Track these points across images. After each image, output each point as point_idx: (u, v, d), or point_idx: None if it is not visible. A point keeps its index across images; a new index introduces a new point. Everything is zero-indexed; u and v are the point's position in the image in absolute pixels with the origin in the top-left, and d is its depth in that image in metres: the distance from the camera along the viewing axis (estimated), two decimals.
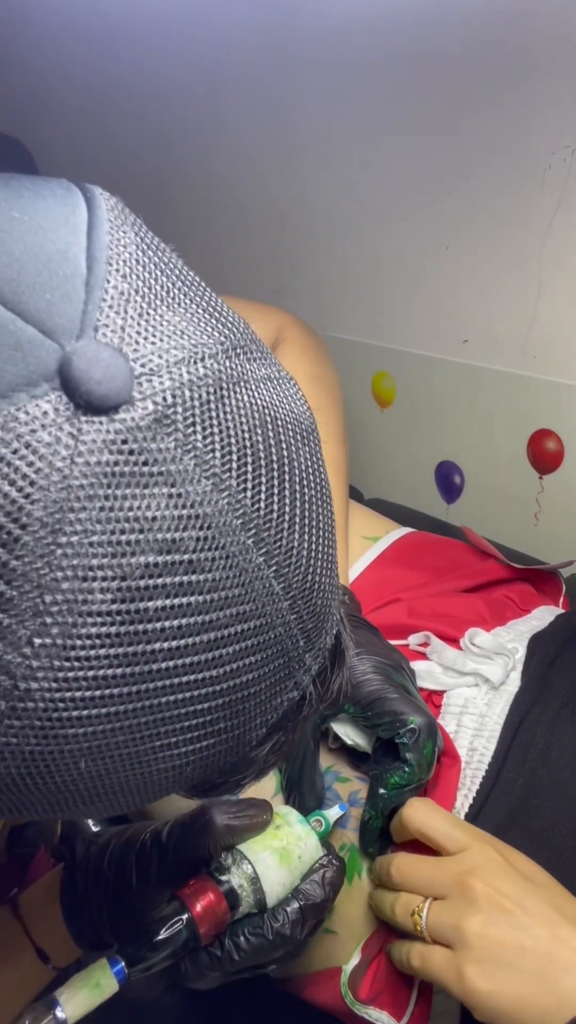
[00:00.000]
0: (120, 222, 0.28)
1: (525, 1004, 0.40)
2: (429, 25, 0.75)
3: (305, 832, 0.48)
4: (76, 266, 0.26)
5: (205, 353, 0.27)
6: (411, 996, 0.50)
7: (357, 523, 0.75)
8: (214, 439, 0.26)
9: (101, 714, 0.26)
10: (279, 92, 0.92)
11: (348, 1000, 0.51)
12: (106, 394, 0.24)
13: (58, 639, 0.24)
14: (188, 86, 1.01)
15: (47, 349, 0.24)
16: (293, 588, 0.29)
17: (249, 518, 0.27)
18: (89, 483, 0.24)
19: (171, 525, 0.25)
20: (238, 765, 0.32)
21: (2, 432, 0.23)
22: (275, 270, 1.06)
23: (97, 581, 0.24)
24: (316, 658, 0.32)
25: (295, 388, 0.31)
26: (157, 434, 0.25)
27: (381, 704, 0.50)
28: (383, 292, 0.94)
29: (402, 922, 0.46)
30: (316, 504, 0.30)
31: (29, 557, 0.23)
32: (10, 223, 0.26)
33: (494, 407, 0.88)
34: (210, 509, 0.26)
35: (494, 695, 0.58)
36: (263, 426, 0.28)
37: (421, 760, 0.50)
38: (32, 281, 0.25)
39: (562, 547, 0.89)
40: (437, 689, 0.59)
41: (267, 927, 0.45)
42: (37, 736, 0.25)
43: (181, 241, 0.98)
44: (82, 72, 1.14)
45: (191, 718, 0.28)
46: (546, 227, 0.75)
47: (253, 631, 0.28)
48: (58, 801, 0.28)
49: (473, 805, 0.53)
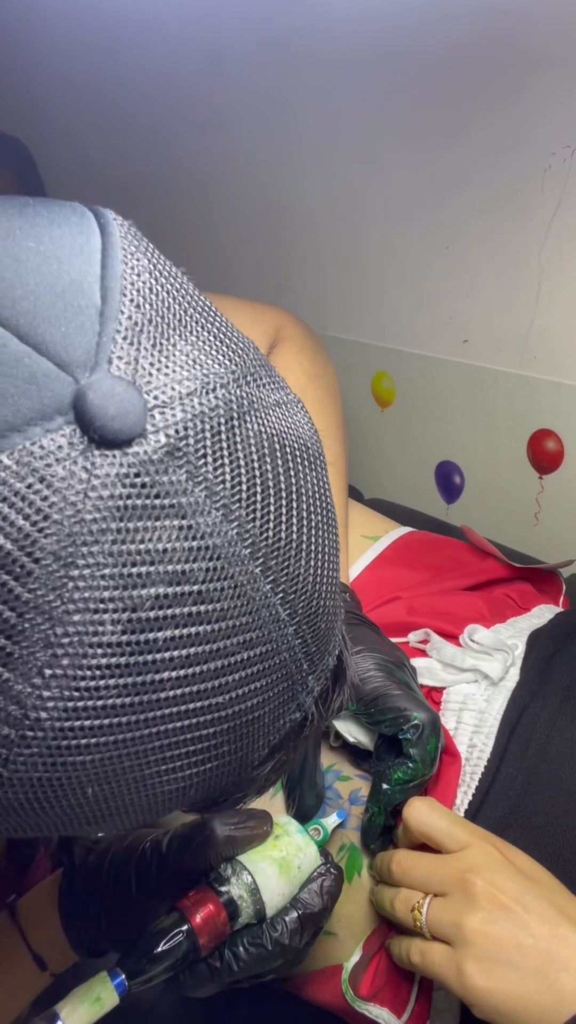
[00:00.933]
0: (133, 249, 0.28)
1: (524, 1002, 0.40)
2: (429, 25, 0.75)
3: (304, 842, 0.48)
4: (90, 297, 0.26)
5: (217, 383, 0.27)
6: (412, 993, 0.50)
7: (357, 522, 0.75)
8: (224, 469, 0.26)
9: (108, 741, 0.26)
10: (280, 91, 0.92)
11: (349, 997, 0.51)
12: (120, 429, 0.24)
13: (68, 670, 0.24)
14: (188, 85, 1.01)
15: (62, 382, 0.24)
16: (298, 613, 0.29)
17: (257, 547, 0.27)
18: (102, 516, 0.24)
19: (181, 557, 0.25)
20: (240, 784, 0.33)
21: (17, 466, 0.23)
22: (275, 270, 1.06)
23: (108, 613, 0.24)
24: (319, 679, 0.32)
25: (302, 411, 0.32)
26: (169, 466, 0.25)
27: (384, 701, 0.50)
28: (383, 292, 0.94)
29: (402, 917, 0.46)
30: (322, 529, 0.31)
31: (41, 589, 0.24)
32: (26, 253, 0.26)
33: (494, 407, 0.88)
34: (220, 540, 0.26)
35: (493, 691, 0.58)
36: (272, 454, 0.28)
37: (425, 756, 0.50)
38: (47, 313, 0.25)
39: (562, 547, 0.89)
40: (437, 686, 0.59)
41: (266, 937, 0.45)
42: (45, 763, 0.26)
43: (182, 241, 0.98)
44: (82, 72, 1.15)
45: (196, 743, 0.28)
46: (546, 227, 0.75)
47: (259, 657, 0.28)
48: (63, 823, 0.29)
49: (473, 801, 0.53)
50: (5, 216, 0.27)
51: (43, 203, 0.29)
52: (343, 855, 0.54)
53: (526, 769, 0.53)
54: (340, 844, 0.54)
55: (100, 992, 0.41)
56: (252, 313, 0.73)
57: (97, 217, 0.29)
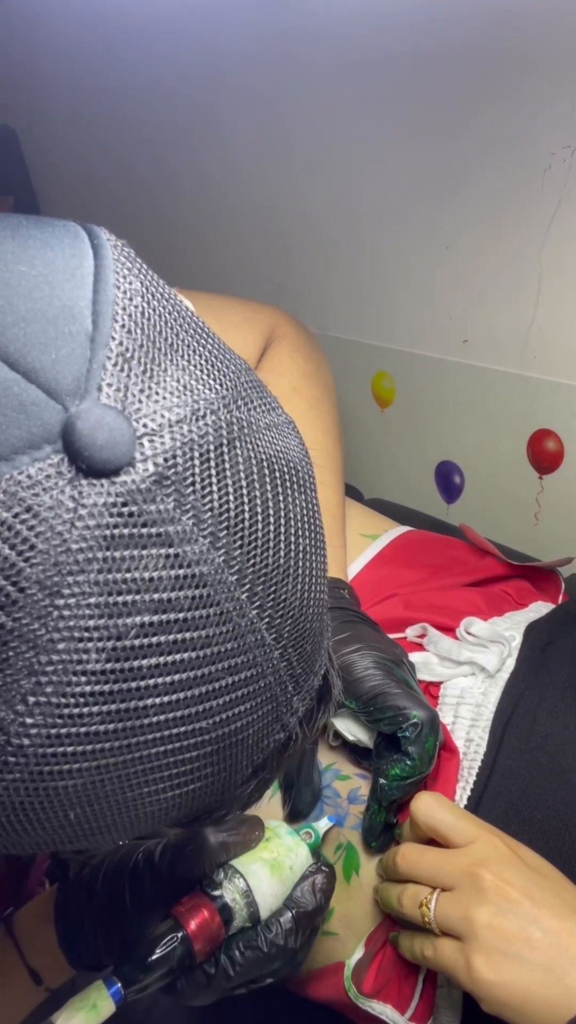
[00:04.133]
0: (126, 271, 0.28)
1: (532, 995, 0.40)
2: (428, 26, 0.75)
3: (295, 843, 0.48)
4: (82, 323, 0.26)
5: (207, 409, 0.27)
6: (415, 990, 0.50)
7: (356, 521, 0.75)
8: (212, 497, 0.26)
9: (91, 767, 0.26)
10: (279, 89, 0.92)
11: (352, 994, 0.51)
12: (108, 459, 0.24)
13: (52, 697, 0.24)
14: (189, 84, 1.02)
15: (51, 411, 0.24)
16: (284, 637, 0.29)
17: (244, 573, 0.27)
18: (88, 546, 0.24)
19: (167, 585, 0.25)
20: (222, 802, 0.33)
21: (3, 495, 0.23)
22: (275, 270, 1.06)
23: (92, 641, 0.24)
24: (303, 700, 0.32)
25: (293, 432, 0.32)
26: (156, 495, 0.25)
27: (383, 699, 0.50)
28: (383, 292, 0.94)
29: (410, 914, 0.46)
30: (309, 552, 0.31)
31: (26, 619, 0.24)
32: (17, 278, 0.26)
33: (494, 407, 0.88)
34: (206, 568, 0.26)
35: (490, 684, 0.58)
36: (261, 479, 0.28)
37: (423, 754, 0.50)
38: (38, 340, 0.25)
39: (562, 547, 0.89)
40: (434, 680, 0.59)
41: (261, 939, 0.45)
42: (28, 789, 0.26)
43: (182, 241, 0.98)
44: (81, 71, 1.15)
45: (180, 766, 0.28)
46: (546, 227, 0.75)
47: (244, 682, 0.28)
48: (45, 843, 0.29)
49: (472, 796, 0.53)
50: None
51: (36, 223, 0.29)
52: (340, 854, 0.54)
53: (527, 762, 0.53)
54: (337, 843, 0.54)
55: (96, 1000, 0.41)
56: (247, 312, 0.73)
57: (91, 237, 0.29)
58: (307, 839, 0.50)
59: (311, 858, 0.49)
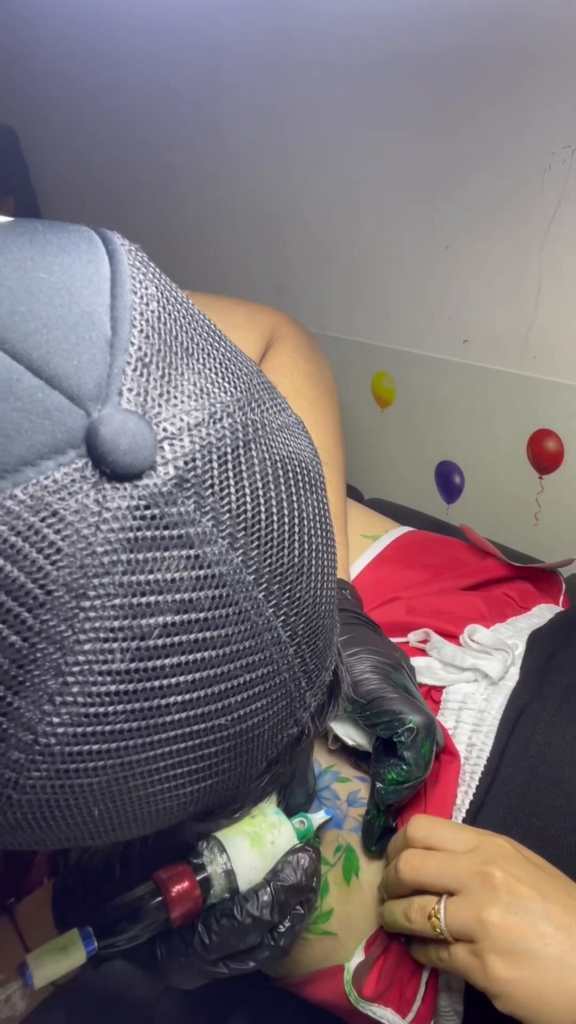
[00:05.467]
0: (142, 276, 0.29)
1: (547, 990, 0.40)
2: (428, 25, 0.75)
3: (279, 820, 0.49)
4: (101, 328, 0.26)
5: (223, 412, 0.27)
6: (417, 994, 0.50)
7: (356, 522, 0.75)
8: (231, 498, 0.27)
9: (115, 764, 0.27)
10: (279, 89, 0.92)
11: (352, 999, 0.51)
12: (132, 463, 0.24)
13: (77, 697, 0.25)
14: (187, 82, 1.01)
15: (74, 416, 0.24)
16: (299, 634, 0.30)
17: (261, 573, 0.28)
18: (112, 548, 0.24)
19: (189, 585, 0.26)
20: (237, 796, 0.34)
21: (30, 500, 0.24)
22: (275, 270, 1.06)
23: (117, 642, 0.25)
24: (316, 696, 0.33)
25: (303, 432, 0.32)
26: (177, 498, 0.25)
27: (379, 704, 0.50)
28: (383, 292, 0.94)
29: (420, 927, 0.45)
30: (322, 551, 0.31)
31: (53, 620, 0.24)
32: (38, 284, 0.26)
33: (494, 407, 0.88)
34: (225, 568, 0.27)
35: (493, 690, 0.58)
36: (276, 480, 0.29)
37: (419, 759, 0.50)
38: (60, 346, 0.25)
39: (562, 547, 0.89)
40: (436, 685, 0.59)
41: (238, 908, 0.46)
42: (54, 786, 0.26)
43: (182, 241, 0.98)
44: (81, 71, 1.15)
45: (199, 761, 0.29)
46: (546, 227, 0.75)
47: (261, 679, 0.29)
48: (68, 838, 0.30)
49: (474, 801, 0.53)
50: (16, 246, 0.27)
51: (52, 229, 0.29)
52: (339, 857, 0.54)
53: (526, 770, 0.53)
54: (336, 846, 0.54)
55: (67, 944, 0.43)
56: (248, 313, 0.73)
57: (105, 243, 0.29)
58: (300, 827, 0.50)
59: (294, 836, 0.49)
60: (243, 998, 0.66)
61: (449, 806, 0.53)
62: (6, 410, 0.24)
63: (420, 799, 0.54)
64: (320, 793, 0.56)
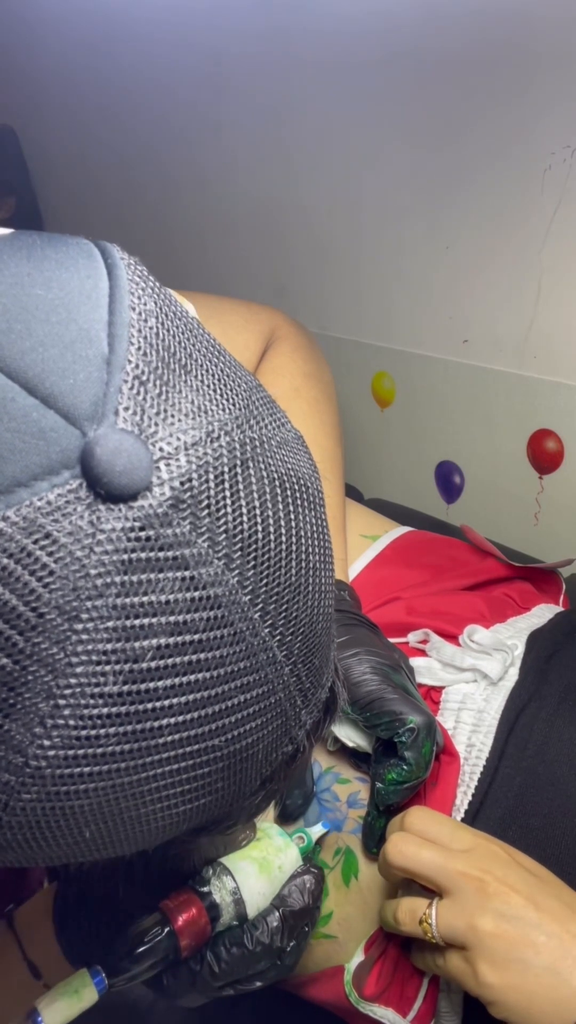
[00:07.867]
0: (140, 291, 0.28)
1: (539, 998, 0.40)
2: (429, 26, 0.75)
3: (284, 843, 0.48)
4: (98, 346, 0.26)
5: (220, 431, 0.27)
6: (418, 993, 0.50)
7: (356, 522, 0.75)
8: (227, 519, 0.26)
9: (106, 786, 0.27)
10: (280, 90, 0.92)
11: (353, 999, 0.51)
12: (127, 484, 0.24)
13: (69, 719, 0.25)
14: (189, 84, 1.01)
15: (69, 436, 0.24)
16: (295, 654, 0.30)
17: (257, 593, 0.27)
18: (106, 571, 0.24)
19: (183, 607, 0.25)
20: (230, 813, 0.33)
21: (23, 522, 0.23)
22: (275, 270, 1.06)
23: (109, 664, 0.25)
24: (311, 713, 0.32)
25: (302, 448, 0.32)
26: (173, 519, 0.25)
27: (380, 705, 0.50)
28: (383, 292, 0.94)
29: (410, 930, 0.45)
30: (319, 568, 0.31)
31: (45, 643, 0.24)
32: (34, 301, 0.26)
33: (494, 407, 0.88)
34: (221, 589, 0.26)
35: (492, 691, 0.58)
36: (273, 498, 0.28)
37: (419, 759, 0.50)
38: (55, 365, 0.25)
39: (562, 547, 0.89)
40: (436, 685, 0.59)
41: (247, 936, 0.45)
42: (44, 808, 0.26)
43: (182, 241, 0.98)
44: (82, 71, 1.15)
45: (192, 781, 0.29)
46: (546, 227, 0.75)
47: (255, 699, 0.29)
48: (60, 857, 0.30)
49: (473, 801, 0.53)
50: (14, 261, 0.27)
51: (50, 243, 0.29)
52: (339, 859, 0.54)
53: (524, 770, 0.53)
54: (336, 848, 0.54)
55: (79, 987, 0.42)
56: (247, 314, 0.73)
57: (104, 257, 0.29)
58: (299, 843, 0.50)
59: (300, 859, 0.49)
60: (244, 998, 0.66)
61: (448, 807, 0.53)
62: (0, 431, 0.24)
63: (420, 800, 0.54)
64: (320, 795, 0.55)
